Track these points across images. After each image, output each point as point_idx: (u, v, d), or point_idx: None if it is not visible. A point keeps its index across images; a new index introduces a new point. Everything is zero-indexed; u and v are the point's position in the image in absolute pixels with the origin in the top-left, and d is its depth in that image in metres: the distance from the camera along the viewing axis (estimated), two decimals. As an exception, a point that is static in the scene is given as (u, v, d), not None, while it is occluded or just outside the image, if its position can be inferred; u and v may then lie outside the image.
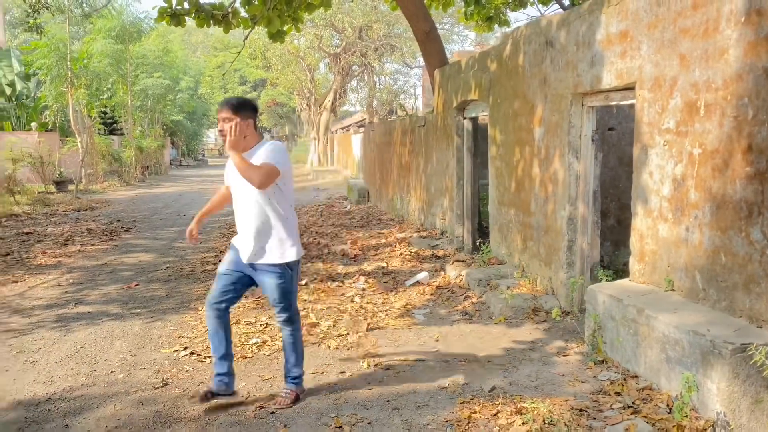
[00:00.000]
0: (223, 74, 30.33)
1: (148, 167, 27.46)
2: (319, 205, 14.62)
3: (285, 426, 3.36)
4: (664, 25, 3.97)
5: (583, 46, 4.91)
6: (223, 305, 3.61)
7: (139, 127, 28.74)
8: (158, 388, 3.90)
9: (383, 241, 9.23)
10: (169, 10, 9.43)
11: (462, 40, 31.09)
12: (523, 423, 3.19)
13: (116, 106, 25.93)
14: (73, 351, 4.62)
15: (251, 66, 33.65)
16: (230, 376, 3.66)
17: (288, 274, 3.53)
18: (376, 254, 8.22)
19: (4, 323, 5.35)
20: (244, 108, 3.49)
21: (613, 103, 4.89)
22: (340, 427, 3.35)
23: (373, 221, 11.58)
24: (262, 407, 3.59)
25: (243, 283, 3.63)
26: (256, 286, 3.67)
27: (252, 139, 3.54)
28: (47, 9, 14.38)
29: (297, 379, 3.70)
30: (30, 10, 14.27)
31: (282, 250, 3.49)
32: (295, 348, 3.68)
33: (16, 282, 6.92)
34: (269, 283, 3.52)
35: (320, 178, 24.77)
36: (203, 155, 54.14)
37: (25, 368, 4.29)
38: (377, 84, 32.34)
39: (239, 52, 10.63)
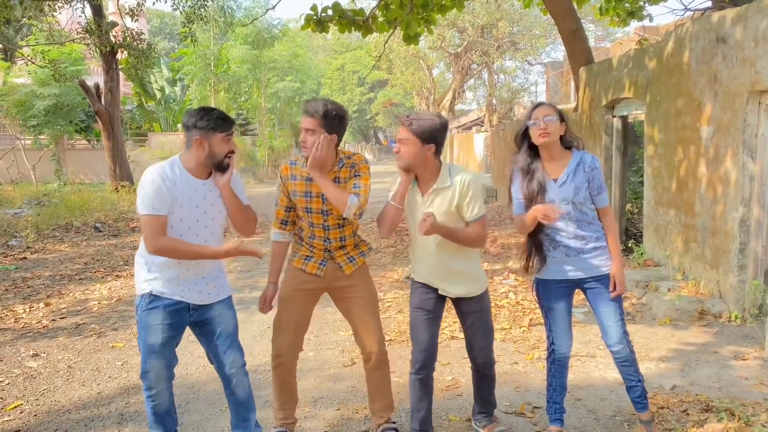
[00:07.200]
0: (365, 78, 31.12)
1: (277, 166, 29.03)
2: (447, 204, 14.84)
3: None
4: None
5: (763, 41, 4.75)
6: None
7: (268, 128, 30.47)
8: (347, 366, 4.29)
9: (522, 240, 9.26)
10: (314, 17, 10.00)
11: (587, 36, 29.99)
12: (718, 421, 3.21)
13: (250, 108, 27.68)
14: (262, 330, 5.15)
15: (369, 67, 34.64)
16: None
17: None
18: (518, 252, 8.28)
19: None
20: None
21: (799, 101, 4.69)
22: (523, 413, 3.53)
23: (506, 220, 11.60)
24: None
25: None
26: None
27: None
28: (201, 20, 15.73)
29: None
30: (186, 21, 15.69)
31: None
32: None
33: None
34: None
35: (440, 176, 24.98)
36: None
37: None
38: (496, 82, 32.10)
39: (379, 57, 11.07)
